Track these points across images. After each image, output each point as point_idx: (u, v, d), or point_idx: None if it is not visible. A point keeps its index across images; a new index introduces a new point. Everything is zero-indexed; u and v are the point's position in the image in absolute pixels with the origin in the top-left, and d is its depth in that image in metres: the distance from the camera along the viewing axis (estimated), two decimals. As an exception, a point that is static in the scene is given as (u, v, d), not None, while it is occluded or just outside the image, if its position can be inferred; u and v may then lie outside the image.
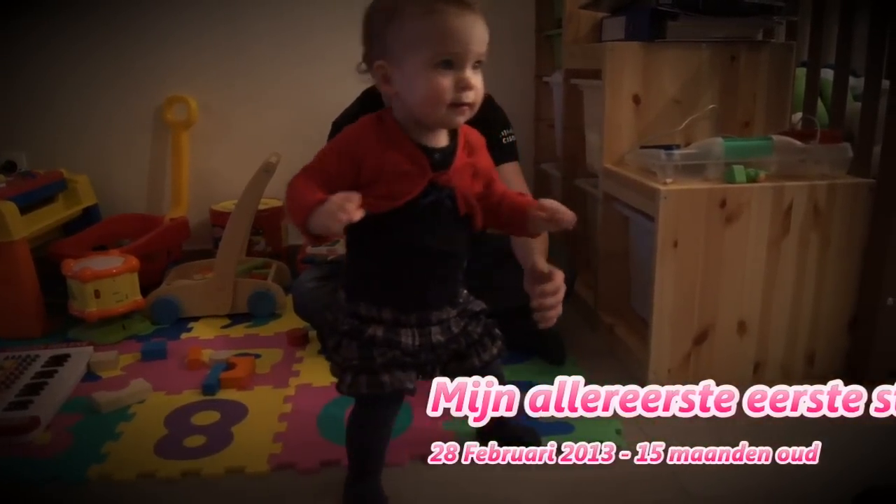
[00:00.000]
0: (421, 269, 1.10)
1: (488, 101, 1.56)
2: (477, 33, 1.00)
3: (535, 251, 1.33)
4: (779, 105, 1.79)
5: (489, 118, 1.56)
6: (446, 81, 0.99)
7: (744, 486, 1.23)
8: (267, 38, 2.46)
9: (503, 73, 2.53)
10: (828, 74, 1.90)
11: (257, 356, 1.75)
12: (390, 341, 1.10)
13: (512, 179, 1.57)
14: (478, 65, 1.01)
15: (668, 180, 1.50)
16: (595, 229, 1.95)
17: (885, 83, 1.51)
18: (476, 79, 1.01)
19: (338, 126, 1.59)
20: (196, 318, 2.02)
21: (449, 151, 1.07)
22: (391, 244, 1.07)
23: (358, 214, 0.92)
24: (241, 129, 2.52)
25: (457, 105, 1.00)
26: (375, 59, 1.03)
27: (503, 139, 1.64)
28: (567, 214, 1.07)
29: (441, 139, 1.07)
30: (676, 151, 1.52)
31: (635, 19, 1.76)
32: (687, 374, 1.56)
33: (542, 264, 1.27)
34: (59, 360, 1.68)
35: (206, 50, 2.45)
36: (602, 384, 1.57)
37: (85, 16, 2.39)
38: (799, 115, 1.86)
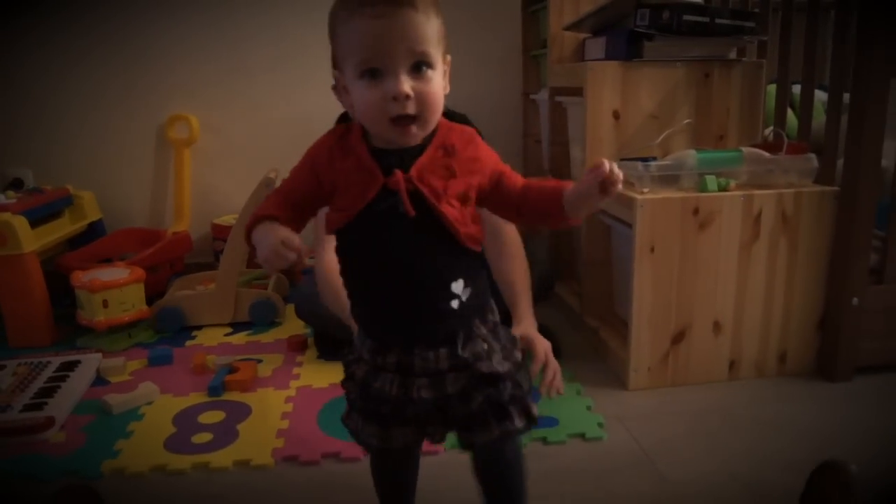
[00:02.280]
0: (391, 288, 0.94)
1: (460, 118, 1.65)
2: (408, 31, 0.85)
3: (522, 310, 1.38)
4: (751, 119, 1.90)
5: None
6: (375, 94, 0.86)
7: (717, 471, 1.32)
8: (265, 57, 2.57)
9: (492, 91, 2.65)
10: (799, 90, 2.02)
11: (259, 361, 1.83)
12: (366, 386, 0.97)
13: None
14: (424, 66, 0.87)
15: (645, 190, 1.61)
16: (579, 238, 2.04)
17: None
18: (419, 84, 0.86)
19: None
20: (199, 327, 2.11)
21: (413, 152, 0.92)
22: (357, 262, 0.96)
23: (289, 258, 0.85)
24: (241, 146, 2.62)
25: (394, 119, 0.87)
26: (334, 69, 0.94)
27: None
28: (616, 170, 0.84)
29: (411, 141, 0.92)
30: (653, 163, 1.63)
31: (614, 40, 1.87)
32: (666, 372, 1.65)
33: (530, 331, 1.33)
34: (70, 366, 1.77)
35: (208, 70, 2.56)
36: (587, 383, 1.68)
37: (90, 38, 2.50)
38: (771, 128, 1.97)
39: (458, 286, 0.93)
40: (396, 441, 0.99)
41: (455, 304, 0.94)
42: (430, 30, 0.87)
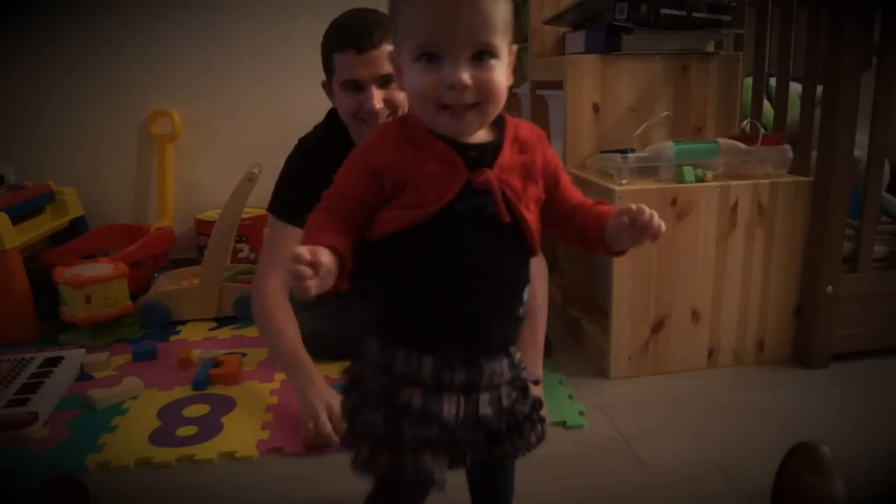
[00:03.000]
0: (468, 297, 0.86)
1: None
2: (474, 16, 0.78)
3: (532, 348, 1.41)
4: (728, 111, 1.92)
5: None
6: (428, 79, 0.80)
7: (696, 456, 1.35)
8: (248, 52, 2.58)
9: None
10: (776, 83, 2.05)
11: (244, 355, 1.84)
12: (428, 414, 0.85)
13: None
14: (487, 56, 0.80)
15: (624, 181, 1.63)
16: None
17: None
18: (479, 72, 0.80)
19: (302, 143, 1.62)
20: (183, 322, 2.11)
21: (491, 148, 0.86)
22: (426, 267, 0.85)
23: (312, 290, 0.74)
24: (224, 141, 2.62)
25: (445, 107, 0.81)
26: (394, 47, 0.87)
27: None
28: (657, 221, 0.85)
29: (480, 135, 0.86)
30: (631, 155, 1.65)
31: (593, 34, 1.89)
32: (646, 360, 1.68)
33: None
34: (54, 362, 1.76)
35: (190, 65, 2.56)
36: (569, 373, 1.71)
37: (71, 33, 2.49)
38: (748, 120, 2.00)
39: (526, 292, 0.90)
40: (440, 471, 0.86)
41: (522, 310, 0.91)
42: (498, 15, 0.80)
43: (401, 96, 1.45)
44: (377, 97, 1.44)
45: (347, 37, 1.43)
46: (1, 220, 1.95)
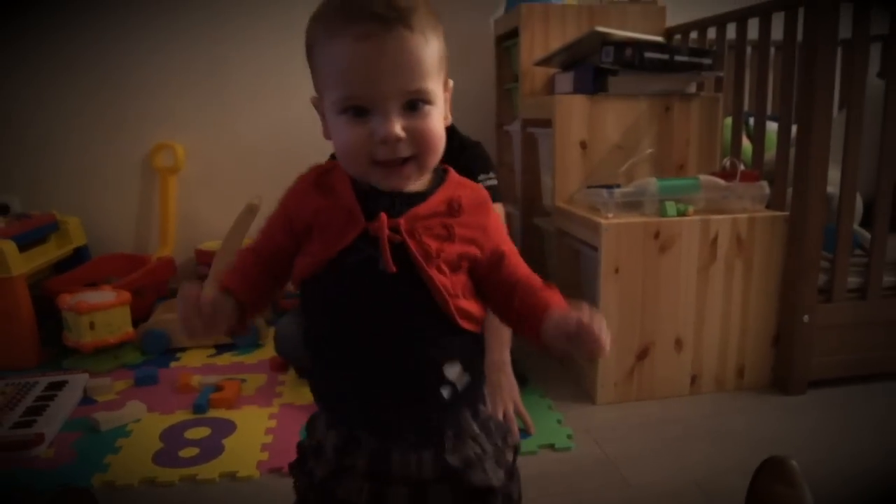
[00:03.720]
0: (366, 363, 0.76)
1: (471, 146, 1.71)
2: (402, 60, 0.70)
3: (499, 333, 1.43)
4: (709, 149, 2.03)
5: (467, 162, 1.61)
6: (357, 134, 0.72)
7: (678, 477, 1.41)
8: (250, 85, 2.67)
9: (468, 123, 2.75)
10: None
11: (243, 380, 1.90)
12: (327, 491, 0.79)
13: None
14: (419, 103, 0.73)
15: (610, 215, 1.71)
16: (551, 261, 2.15)
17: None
18: (412, 122, 0.72)
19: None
20: (183, 349, 2.16)
21: (412, 199, 0.77)
22: (324, 323, 0.79)
23: (195, 332, 0.74)
24: (225, 173, 2.71)
25: (380, 162, 0.73)
26: (315, 90, 0.79)
27: (481, 183, 1.70)
28: (605, 339, 0.71)
29: (415, 184, 0.78)
30: (616, 190, 1.74)
31: (581, 75, 1.99)
32: (631, 386, 1.74)
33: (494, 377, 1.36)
34: (58, 386, 1.81)
35: (192, 97, 2.65)
36: (558, 399, 1.77)
37: (77, 64, 2.57)
38: (728, 158, 2.09)
39: (453, 371, 0.77)
40: None
41: (447, 392, 0.77)
42: (429, 55, 0.72)
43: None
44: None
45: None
46: (8, 248, 2.01)
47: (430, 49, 0.73)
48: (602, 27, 1.91)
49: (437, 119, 0.75)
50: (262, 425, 1.64)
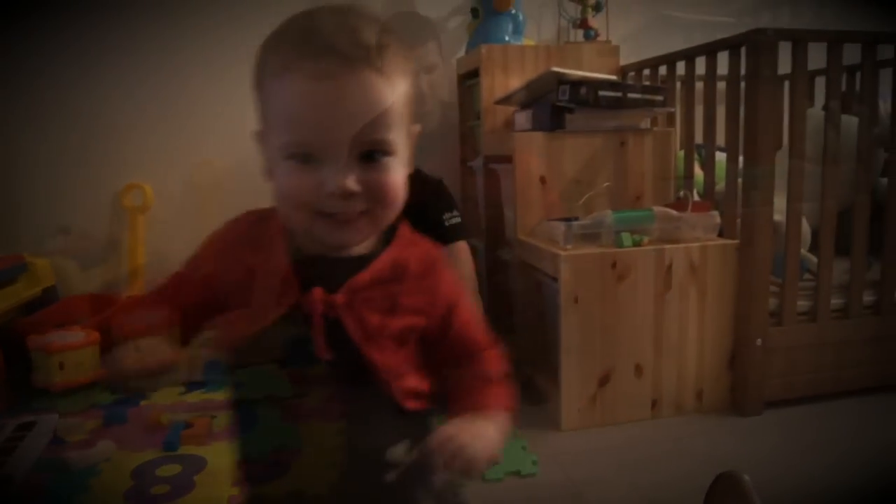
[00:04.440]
0: (287, 451, 0.73)
1: (435, 185, 1.77)
2: (362, 106, 0.62)
3: None
4: (663, 181, 2.11)
5: (430, 202, 1.68)
6: (302, 182, 0.63)
7: (640, 501, 1.46)
8: (217, 123, 2.70)
9: (433, 158, 2.83)
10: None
11: (213, 417, 1.91)
12: None
13: (456, 258, 1.72)
14: (378, 154, 0.64)
15: (569, 246, 1.78)
16: (514, 294, 2.20)
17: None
18: (370, 174, 0.64)
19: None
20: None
21: (353, 264, 0.69)
22: (248, 405, 0.75)
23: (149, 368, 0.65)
24: (195, 211, 2.74)
25: (325, 215, 0.65)
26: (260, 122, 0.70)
27: (445, 222, 1.77)
28: (466, 457, 0.66)
29: (355, 248, 0.70)
30: (574, 223, 1.81)
31: (539, 113, 2.07)
32: (594, 412, 1.80)
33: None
34: (27, 427, 1.81)
35: (161, 139, 2.68)
36: (524, 426, 1.82)
37: (46, 108, 2.60)
38: (682, 190, 2.18)
39: (397, 453, 0.72)
40: None
41: (392, 475, 0.71)
42: (396, 102, 0.64)
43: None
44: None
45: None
46: (-24, 291, 2.02)
47: (397, 94, 0.64)
48: (558, 68, 2.00)
49: (397, 171, 0.66)
50: (233, 460, 1.66)
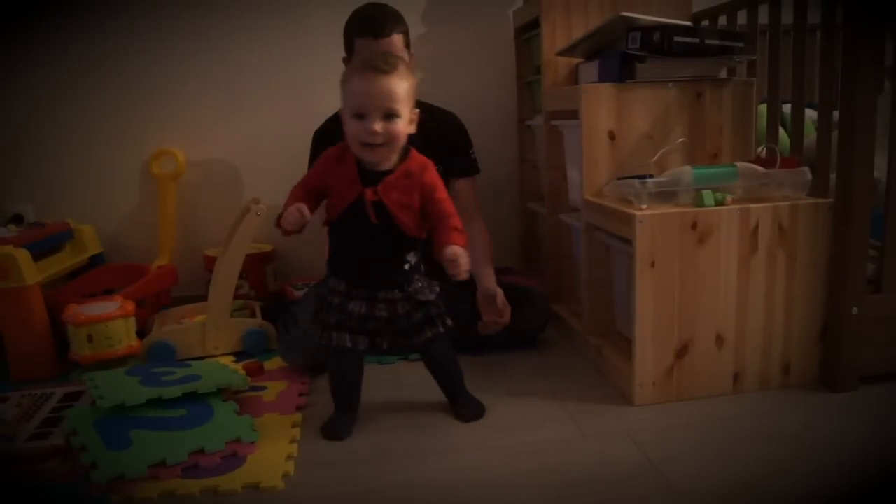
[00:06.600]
0: (359, 256, 1.51)
1: (449, 119, 2.11)
2: (385, 92, 1.37)
3: (482, 266, 1.90)
4: (743, 136, 1.94)
5: (453, 140, 2.05)
6: (357, 127, 1.40)
7: (726, 481, 1.32)
8: (251, 90, 2.66)
9: (489, 120, 2.70)
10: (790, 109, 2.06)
11: (264, 388, 1.83)
12: (342, 308, 1.51)
13: (466, 192, 2.04)
14: (392, 115, 1.39)
15: (644, 206, 1.63)
16: (579, 260, 2.06)
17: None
18: (386, 125, 1.39)
19: (317, 135, 2.06)
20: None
21: (387, 173, 1.46)
22: (341, 241, 1.53)
23: (301, 222, 1.43)
24: (228, 177, 2.69)
25: (366, 145, 1.41)
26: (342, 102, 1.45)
27: (472, 156, 2.10)
28: (461, 271, 1.42)
29: (385, 164, 1.46)
30: (650, 180, 1.66)
31: (607, 63, 1.91)
32: (671, 386, 1.66)
33: (490, 285, 1.89)
34: (75, 397, 1.76)
35: (194, 105, 2.63)
36: (593, 401, 1.69)
37: (81, 79, 2.56)
38: (763, 146, 2.00)
39: (411, 256, 1.53)
40: (360, 344, 1.53)
41: (407, 266, 1.52)
42: (401, 90, 1.40)
43: None
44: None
45: (367, 24, 1.85)
46: (22, 257, 1.96)
47: (402, 86, 1.41)
48: (627, 12, 1.83)
49: (402, 125, 1.43)
50: (286, 434, 1.57)
